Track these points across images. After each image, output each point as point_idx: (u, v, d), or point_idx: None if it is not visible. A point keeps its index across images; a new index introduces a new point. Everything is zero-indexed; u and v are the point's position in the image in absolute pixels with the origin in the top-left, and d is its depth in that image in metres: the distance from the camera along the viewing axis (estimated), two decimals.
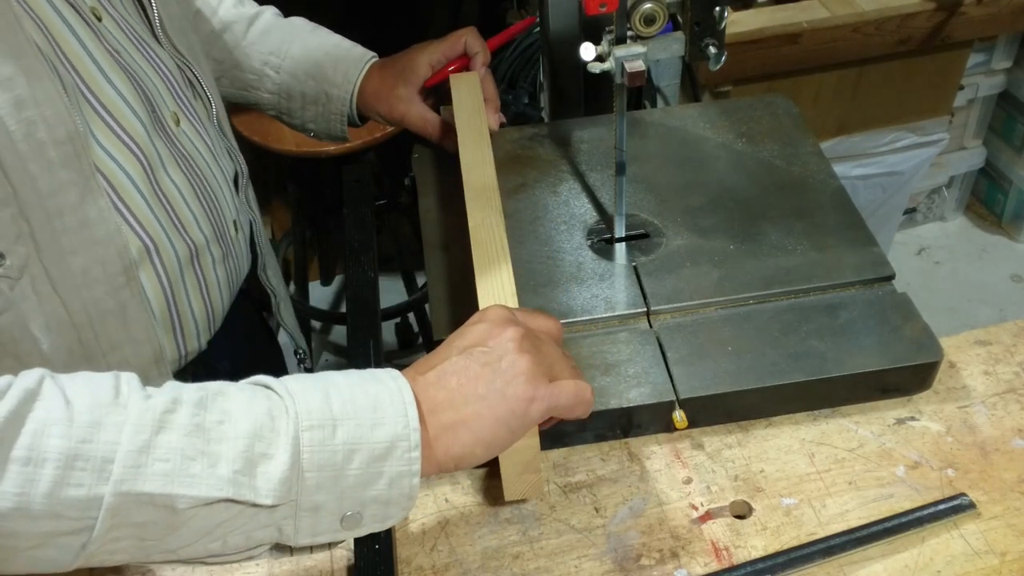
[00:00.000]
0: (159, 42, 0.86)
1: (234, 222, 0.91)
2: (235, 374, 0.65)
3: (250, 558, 0.66)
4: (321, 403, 0.61)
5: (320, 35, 1.10)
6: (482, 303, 0.73)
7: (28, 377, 0.57)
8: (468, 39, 1.04)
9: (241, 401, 0.60)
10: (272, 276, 1.05)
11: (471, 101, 0.97)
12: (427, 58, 1.04)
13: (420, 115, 1.04)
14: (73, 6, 0.73)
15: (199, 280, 0.84)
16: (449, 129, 1.01)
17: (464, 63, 1.05)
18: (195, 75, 0.90)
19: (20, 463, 0.53)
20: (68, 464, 0.54)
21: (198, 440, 0.58)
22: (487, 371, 0.63)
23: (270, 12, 1.12)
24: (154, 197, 0.77)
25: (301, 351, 1.15)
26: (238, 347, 0.96)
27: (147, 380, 0.62)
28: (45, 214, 0.68)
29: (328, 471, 0.60)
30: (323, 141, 1.14)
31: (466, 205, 0.84)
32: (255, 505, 0.59)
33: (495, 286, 0.75)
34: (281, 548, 0.70)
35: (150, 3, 0.84)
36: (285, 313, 1.08)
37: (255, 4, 1.13)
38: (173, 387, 0.60)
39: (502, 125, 1.03)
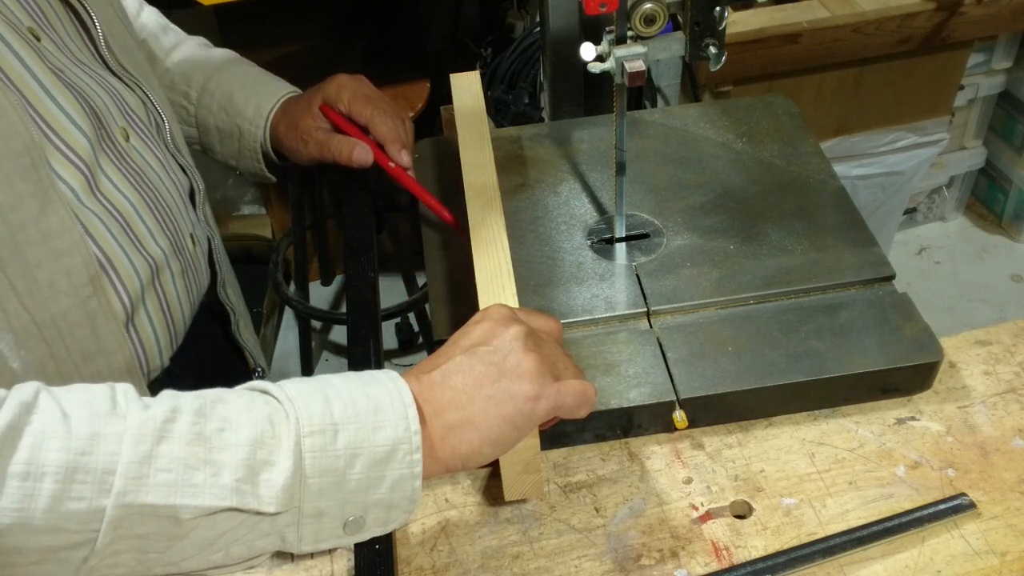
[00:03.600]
0: (104, 61, 0.84)
1: (191, 235, 0.89)
2: (199, 389, 0.64)
3: (251, 567, 0.66)
4: (321, 408, 0.60)
5: (241, 68, 1.07)
6: (482, 303, 0.73)
7: (23, 390, 0.56)
8: (376, 120, 0.99)
9: (240, 408, 0.60)
10: (232, 294, 1.02)
11: (471, 101, 0.97)
12: (341, 89, 1.01)
13: (329, 137, 1.00)
14: (11, 26, 0.71)
15: (158, 295, 0.83)
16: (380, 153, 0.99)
17: (363, 137, 1.00)
18: (145, 93, 0.88)
19: (19, 478, 0.53)
20: (68, 477, 0.53)
21: (200, 449, 0.57)
22: (492, 370, 0.63)
23: (193, 42, 1.10)
24: (104, 211, 0.76)
25: (260, 369, 1.09)
26: (201, 363, 0.93)
27: None
28: (7, 228, 0.66)
29: (331, 476, 0.60)
30: (248, 179, 1.11)
31: (467, 205, 0.84)
32: (258, 513, 0.59)
33: (495, 286, 0.75)
34: (282, 554, 0.70)
35: (93, 24, 0.82)
36: (244, 332, 1.05)
37: (180, 33, 1.11)
38: (170, 396, 0.60)
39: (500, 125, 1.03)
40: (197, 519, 0.57)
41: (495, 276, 0.76)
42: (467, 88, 0.99)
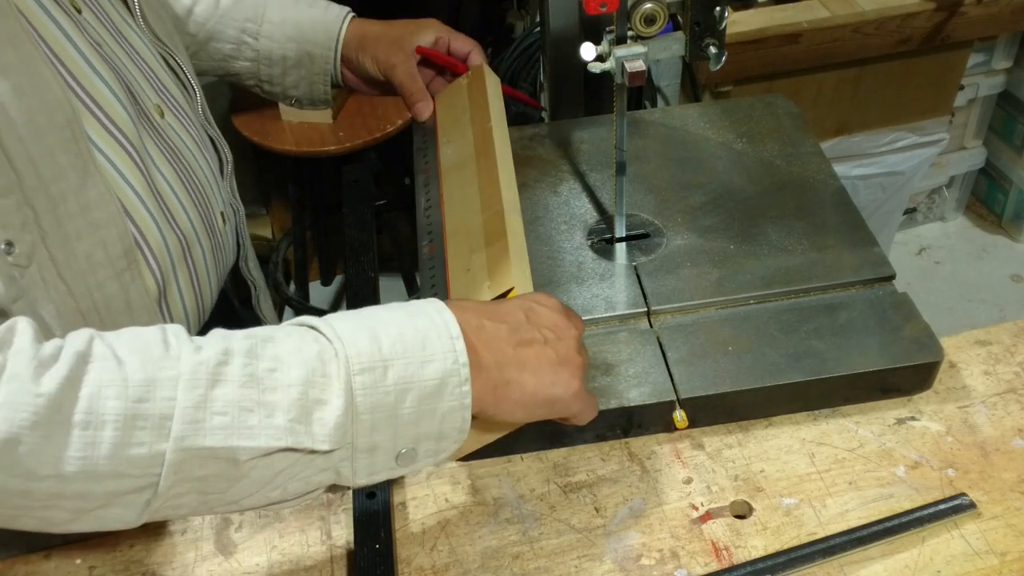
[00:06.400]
0: (139, 32, 0.85)
1: (221, 213, 0.90)
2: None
3: (307, 502, 0.66)
4: (370, 344, 0.60)
5: None
6: (515, 273, 0.76)
7: (77, 339, 0.56)
8: (475, 51, 1.04)
9: (291, 347, 0.60)
10: (253, 268, 1.03)
11: (496, 103, 0.98)
12: (435, 32, 1.04)
13: (411, 75, 1.03)
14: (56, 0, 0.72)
15: (191, 273, 0.84)
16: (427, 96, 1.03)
17: (460, 68, 1.04)
18: (178, 63, 0.89)
19: (80, 427, 0.54)
20: (128, 424, 0.54)
21: (253, 391, 0.57)
22: (553, 358, 0.65)
23: None
24: (146, 191, 0.77)
25: None
26: None
27: None
28: (49, 200, 0.68)
29: (382, 411, 0.60)
30: (304, 108, 1.12)
31: (505, 219, 0.83)
32: (313, 451, 0.59)
33: (522, 265, 0.78)
34: (282, 554, 0.70)
35: None
36: (264, 306, 1.06)
37: None
38: (222, 336, 0.60)
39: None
40: (254, 460, 0.58)
41: (522, 255, 0.78)
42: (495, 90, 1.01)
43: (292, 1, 1.08)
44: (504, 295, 0.75)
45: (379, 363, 0.60)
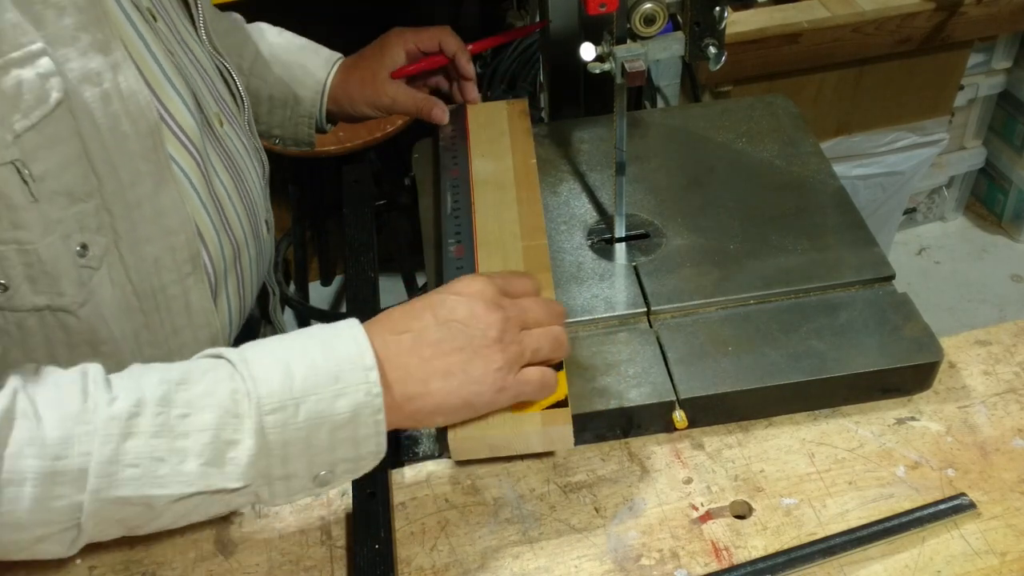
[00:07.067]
0: (199, 42, 0.86)
1: (265, 221, 0.92)
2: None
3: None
4: (282, 382, 0.62)
5: (286, 37, 1.09)
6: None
7: (2, 397, 0.59)
8: (443, 38, 1.04)
9: (203, 389, 0.62)
10: (275, 274, 1.05)
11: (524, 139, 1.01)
12: (402, 46, 1.04)
13: (410, 96, 1.04)
14: (136, 6, 0.73)
15: (238, 279, 0.86)
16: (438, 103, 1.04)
17: (440, 62, 1.05)
18: (230, 74, 0.90)
19: (4, 485, 0.57)
20: (47, 480, 0.58)
21: (164, 440, 0.60)
22: (463, 354, 0.66)
23: (230, 15, 1.11)
24: (208, 198, 0.79)
25: None
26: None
27: None
28: (125, 205, 0.70)
29: (295, 446, 0.62)
30: (288, 148, 1.12)
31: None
32: (227, 490, 0.62)
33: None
34: (282, 553, 0.70)
35: (196, 4, 0.85)
36: (277, 311, 1.08)
37: (212, 7, 1.11)
38: (136, 384, 0.61)
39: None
40: (168, 504, 0.61)
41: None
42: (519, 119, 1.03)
43: (284, 41, 1.08)
44: None
45: (291, 401, 0.61)
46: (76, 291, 0.68)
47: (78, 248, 0.67)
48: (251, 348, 0.64)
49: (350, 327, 0.65)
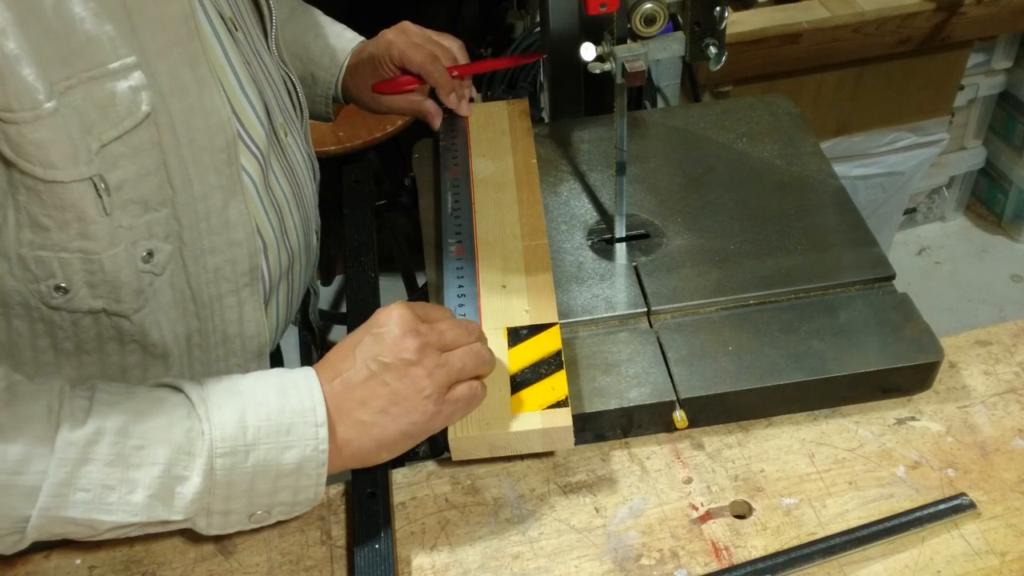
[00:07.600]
0: (270, 52, 0.86)
1: (316, 231, 0.93)
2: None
3: None
4: (236, 428, 0.64)
5: (312, 16, 1.09)
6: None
7: None
8: (426, 68, 1.00)
9: (161, 424, 0.64)
10: (314, 276, 1.05)
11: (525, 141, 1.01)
12: (391, 57, 1.03)
13: (404, 98, 1.04)
14: (221, 16, 0.74)
15: (289, 287, 0.87)
16: (438, 108, 1.04)
17: (415, 83, 1.03)
18: (294, 84, 0.91)
19: None
20: (3, 492, 0.60)
21: (117, 470, 0.62)
22: (389, 390, 0.67)
23: None
24: (271, 208, 0.80)
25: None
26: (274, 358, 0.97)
27: (248, 371, 0.71)
28: (195, 216, 0.71)
29: (239, 487, 0.65)
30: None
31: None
32: (169, 521, 0.65)
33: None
34: (283, 554, 0.70)
35: (270, 16, 0.85)
36: (314, 312, 1.09)
37: None
38: (99, 411, 0.63)
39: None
40: (112, 528, 0.64)
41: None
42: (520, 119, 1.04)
43: (309, 20, 1.08)
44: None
45: (242, 448, 0.64)
46: (133, 299, 0.70)
47: (144, 254, 0.69)
48: (212, 387, 0.66)
49: (307, 378, 0.68)
